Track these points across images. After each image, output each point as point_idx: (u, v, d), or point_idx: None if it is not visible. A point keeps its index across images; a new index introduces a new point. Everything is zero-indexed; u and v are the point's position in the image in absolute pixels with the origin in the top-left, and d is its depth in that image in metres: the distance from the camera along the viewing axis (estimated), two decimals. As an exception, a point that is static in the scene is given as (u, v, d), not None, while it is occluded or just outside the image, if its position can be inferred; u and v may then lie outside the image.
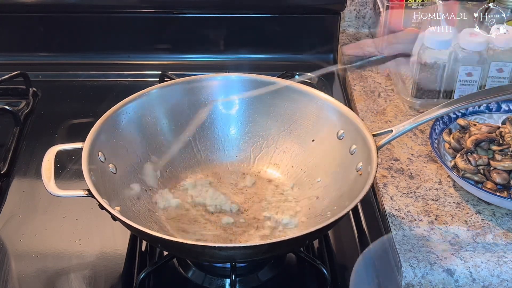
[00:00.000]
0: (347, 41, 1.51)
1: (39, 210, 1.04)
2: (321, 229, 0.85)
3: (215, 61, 1.42)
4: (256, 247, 0.84)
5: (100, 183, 0.92)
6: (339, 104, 1.05)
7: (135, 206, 0.99)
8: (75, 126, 1.23)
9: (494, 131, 1.12)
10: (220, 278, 0.94)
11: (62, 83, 1.37)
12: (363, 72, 1.39)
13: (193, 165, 1.09)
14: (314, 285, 0.93)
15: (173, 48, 1.42)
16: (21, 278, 0.93)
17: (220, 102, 1.12)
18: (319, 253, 0.98)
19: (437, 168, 1.11)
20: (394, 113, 1.25)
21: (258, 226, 0.99)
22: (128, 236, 0.98)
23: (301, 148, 1.08)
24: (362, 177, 0.94)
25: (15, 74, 1.29)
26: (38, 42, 1.41)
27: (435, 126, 1.12)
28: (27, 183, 1.10)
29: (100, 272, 0.93)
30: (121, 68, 1.39)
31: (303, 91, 1.09)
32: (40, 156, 0.96)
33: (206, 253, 0.85)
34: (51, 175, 0.91)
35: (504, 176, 1.04)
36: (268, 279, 0.95)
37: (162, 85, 1.10)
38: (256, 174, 1.09)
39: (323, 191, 1.02)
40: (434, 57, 1.20)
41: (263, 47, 1.42)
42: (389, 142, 0.97)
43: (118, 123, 1.03)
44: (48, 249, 0.98)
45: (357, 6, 1.53)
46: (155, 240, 0.87)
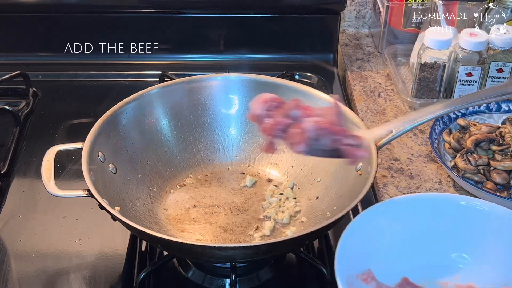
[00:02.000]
0: (347, 41, 1.51)
1: (39, 210, 1.04)
2: (321, 229, 0.85)
3: (215, 61, 1.42)
4: (256, 247, 0.84)
5: (100, 183, 0.92)
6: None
7: (135, 206, 0.99)
8: (75, 126, 1.23)
9: (494, 131, 1.12)
10: (220, 278, 0.94)
11: (62, 83, 1.37)
12: (363, 72, 1.39)
13: (193, 165, 1.09)
14: (314, 285, 0.93)
15: (173, 48, 1.42)
16: (21, 278, 0.93)
17: (220, 102, 1.12)
18: (319, 253, 0.98)
19: (437, 168, 1.11)
20: (394, 113, 1.25)
21: (258, 226, 0.99)
22: (128, 236, 0.98)
23: (301, 148, 1.08)
24: (362, 177, 0.94)
25: (15, 74, 1.29)
26: (38, 42, 1.41)
27: (435, 126, 1.12)
28: (27, 183, 1.10)
29: (100, 272, 0.94)
30: (121, 68, 1.39)
31: (303, 91, 1.09)
32: (40, 156, 0.96)
33: (206, 253, 0.85)
34: (51, 175, 0.92)
35: (504, 176, 1.04)
36: (268, 279, 0.95)
37: (162, 85, 1.10)
38: (256, 174, 1.09)
39: (323, 191, 1.02)
40: (434, 57, 1.20)
41: (263, 47, 1.42)
42: (389, 142, 0.97)
43: (118, 123, 1.03)
44: (48, 249, 0.98)
45: (357, 6, 1.53)
46: (155, 240, 0.87)
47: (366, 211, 0.87)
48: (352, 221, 0.85)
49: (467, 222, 0.83)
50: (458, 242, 0.84)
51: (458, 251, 0.84)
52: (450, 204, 0.84)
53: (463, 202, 0.83)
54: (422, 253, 0.84)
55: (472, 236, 0.83)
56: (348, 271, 0.78)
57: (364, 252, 0.82)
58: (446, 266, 0.83)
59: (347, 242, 0.82)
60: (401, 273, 0.83)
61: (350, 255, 0.80)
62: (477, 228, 0.83)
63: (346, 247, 0.80)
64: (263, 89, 1.10)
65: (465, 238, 0.84)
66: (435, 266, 0.84)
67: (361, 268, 0.81)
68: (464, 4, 1.28)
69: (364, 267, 0.81)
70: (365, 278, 0.80)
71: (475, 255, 0.83)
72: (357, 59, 1.43)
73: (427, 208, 0.85)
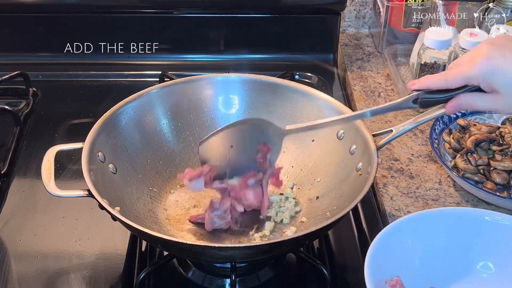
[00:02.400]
0: (347, 41, 1.51)
1: (39, 210, 1.04)
2: (321, 229, 0.85)
3: (215, 61, 1.42)
4: (256, 247, 0.84)
5: (100, 183, 0.92)
6: (339, 104, 1.05)
7: (135, 206, 0.99)
8: (75, 126, 1.23)
9: (494, 131, 1.12)
10: (220, 278, 0.94)
11: (62, 83, 1.37)
12: (363, 72, 1.39)
13: (193, 165, 1.09)
14: (314, 285, 0.93)
15: (173, 48, 1.42)
16: (21, 278, 0.93)
17: (220, 102, 1.12)
18: (319, 253, 0.98)
19: (437, 168, 1.11)
20: (394, 113, 1.25)
21: (258, 226, 0.99)
22: (128, 236, 0.98)
23: (301, 148, 1.08)
24: (362, 177, 0.94)
25: (15, 74, 1.29)
26: (38, 42, 1.41)
27: (435, 126, 1.12)
28: (27, 183, 1.10)
29: (100, 272, 0.94)
30: (121, 68, 1.39)
31: (303, 91, 1.09)
32: (40, 156, 0.96)
33: (206, 253, 0.85)
34: (51, 175, 0.92)
35: (504, 176, 1.04)
36: (268, 279, 0.95)
37: (162, 85, 1.11)
38: (256, 174, 1.09)
39: (323, 191, 1.02)
40: (434, 57, 1.20)
41: (263, 47, 1.42)
42: (389, 142, 0.97)
43: (118, 123, 1.03)
44: (48, 249, 0.98)
45: (357, 6, 1.53)
46: (155, 240, 0.87)
47: (401, 220, 0.88)
48: (386, 228, 0.86)
49: (491, 235, 0.88)
50: (483, 254, 0.88)
51: (483, 261, 0.88)
52: (476, 219, 0.89)
53: (487, 217, 0.88)
54: (449, 264, 0.87)
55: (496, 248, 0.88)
56: (378, 276, 0.79)
57: (394, 260, 0.84)
58: (471, 277, 0.87)
59: (379, 246, 0.83)
60: (428, 283, 0.85)
61: (381, 260, 0.81)
62: (501, 240, 0.87)
63: (378, 252, 0.82)
64: (263, 89, 1.11)
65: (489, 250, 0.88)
66: (461, 276, 0.87)
67: (390, 275, 0.82)
68: (464, 4, 1.28)
69: (393, 274, 0.82)
70: (394, 284, 0.81)
71: (499, 266, 0.87)
72: (357, 59, 1.43)
73: (453, 222, 0.89)
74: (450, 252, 0.87)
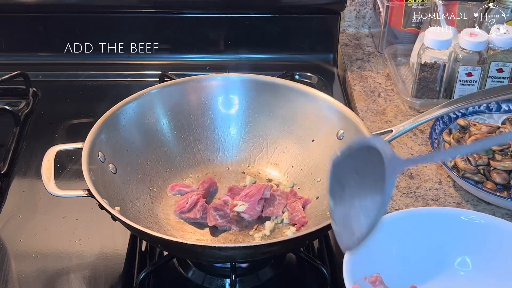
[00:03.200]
0: (347, 41, 1.51)
1: (39, 210, 1.04)
2: (321, 229, 0.85)
3: (215, 61, 1.42)
4: (256, 247, 0.84)
5: (100, 183, 0.92)
6: (339, 104, 1.05)
7: (135, 206, 0.99)
8: (75, 126, 1.23)
9: (494, 131, 1.12)
10: (220, 278, 0.94)
11: (62, 83, 1.37)
12: (363, 72, 1.39)
13: (193, 165, 1.09)
14: (314, 285, 0.93)
15: (173, 48, 1.42)
16: (21, 278, 0.93)
17: (220, 102, 1.12)
18: (319, 253, 0.98)
19: (437, 168, 1.11)
20: (394, 113, 1.25)
21: (258, 226, 0.99)
22: (128, 236, 0.98)
23: (301, 148, 1.08)
24: (362, 177, 0.94)
25: (15, 74, 1.29)
26: (38, 42, 1.41)
27: (435, 126, 1.12)
28: (27, 183, 1.10)
29: (100, 272, 0.94)
30: (121, 68, 1.39)
31: (303, 91, 1.09)
32: (40, 156, 0.96)
33: (206, 253, 0.85)
34: (51, 175, 0.92)
35: (504, 176, 1.04)
36: (268, 279, 0.95)
37: (162, 85, 1.11)
38: (256, 174, 1.09)
39: (323, 191, 1.02)
40: (434, 57, 1.20)
41: (263, 47, 1.42)
42: (389, 142, 0.97)
43: (118, 123, 1.03)
44: (48, 249, 0.98)
45: (357, 6, 1.53)
46: (155, 240, 0.87)
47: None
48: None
49: (467, 234, 0.88)
50: (460, 252, 0.88)
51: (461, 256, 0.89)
52: (452, 218, 0.89)
53: (463, 216, 0.89)
54: (427, 262, 0.87)
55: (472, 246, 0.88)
56: (357, 272, 0.79)
57: (374, 258, 0.84)
58: (450, 275, 0.88)
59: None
60: (408, 281, 0.85)
61: (360, 257, 0.81)
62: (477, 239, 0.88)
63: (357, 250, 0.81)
64: (263, 89, 1.11)
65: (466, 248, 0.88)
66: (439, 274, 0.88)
67: (370, 272, 0.82)
68: (464, 4, 1.28)
69: (373, 271, 0.82)
70: (374, 280, 0.81)
71: (475, 263, 0.88)
72: (357, 59, 1.43)
73: (430, 221, 0.89)
74: (428, 251, 0.87)
